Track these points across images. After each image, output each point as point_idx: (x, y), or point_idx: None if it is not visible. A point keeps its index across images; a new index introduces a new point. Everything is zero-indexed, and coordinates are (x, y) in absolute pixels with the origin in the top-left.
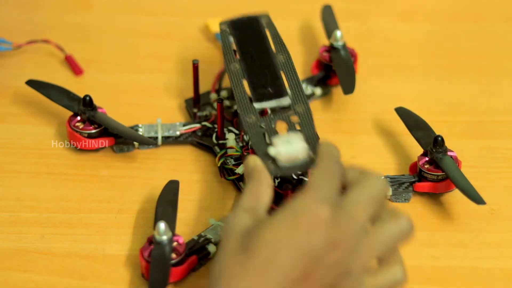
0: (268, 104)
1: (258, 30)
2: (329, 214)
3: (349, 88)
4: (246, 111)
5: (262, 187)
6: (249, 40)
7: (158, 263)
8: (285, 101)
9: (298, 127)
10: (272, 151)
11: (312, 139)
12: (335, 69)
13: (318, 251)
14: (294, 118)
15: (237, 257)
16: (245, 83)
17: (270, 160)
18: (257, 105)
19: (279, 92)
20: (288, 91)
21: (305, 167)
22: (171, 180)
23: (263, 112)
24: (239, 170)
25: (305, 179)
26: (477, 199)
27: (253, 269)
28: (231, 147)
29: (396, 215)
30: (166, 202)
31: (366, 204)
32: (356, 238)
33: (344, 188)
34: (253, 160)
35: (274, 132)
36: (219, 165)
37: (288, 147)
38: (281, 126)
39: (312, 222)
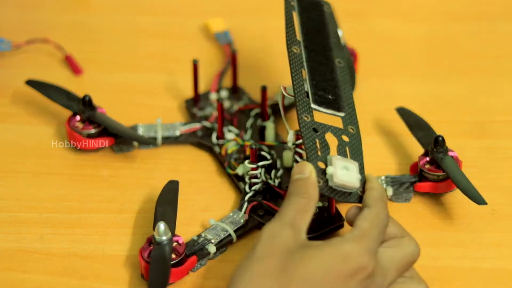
0: (325, 111)
1: (322, 19)
2: (373, 268)
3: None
4: (303, 108)
5: (310, 205)
6: (313, 27)
7: (158, 263)
8: (341, 115)
9: (347, 149)
10: (330, 170)
11: (361, 170)
12: None
13: None
14: (345, 138)
15: (275, 278)
16: (304, 74)
17: (322, 176)
18: (315, 107)
19: (339, 104)
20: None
21: (352, 198)
22: (170, 180)
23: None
24: (239, 170)
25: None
26: (478, 200)
27: None
28: (234, 139)
29: (417, 281)
30: (166, 202)
31: (400, 265)
32: None
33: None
34: (310, 171)
35: (325, 145)
36: (230, 152)
37: (346, 173)
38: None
39: (357, 272)
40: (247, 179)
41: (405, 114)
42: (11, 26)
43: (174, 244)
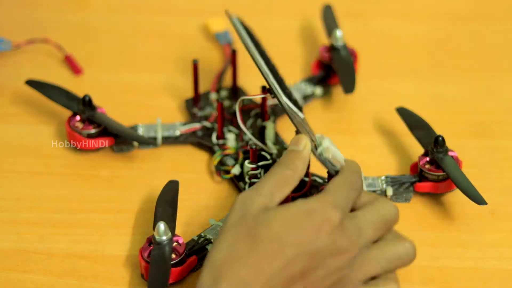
0: (294, 109)
1: (248, 29)
2: (340, 220)
3: (349, 87)
4: (282, 94)
5: (293, 177)
6: (256, 41)
7: (158, 263)
8: (302, 116)
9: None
10: (326, 142)
11: None
12: (335, 69)
13: (321, 253)
14: None
15: (244, 241)
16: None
17: (316, 148)
18: (286, 101)
19: (299, 106)
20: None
21: (336, 172)
22: (170, 180)
23: None
24: (235, 170)
25: (305, 179)
26: (478, 200)
27: (257, 257)
28: (226, 148)
29: (401, 238)
30: (166, 202)
31: (376, 224)
32: (360, 251)
33: (354, 209)
34: (304, 144)
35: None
36: (215, 163)
37: (336, 150)
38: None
39: (322, 224)
40: (247, 179)
41: (405, 114)
42: (11, 26)
43: (174, 244)
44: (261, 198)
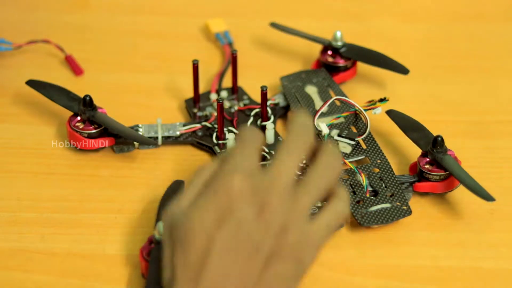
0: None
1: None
2: (242, 182)
3: (403, 68)
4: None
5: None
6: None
7: (157, 262)
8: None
9: None
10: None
11: None
12: (370, 63)
13: (248, 223)
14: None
15: (172, 252)
16: None
17: None
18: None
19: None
20: None
21: None
22: (176, 180)
23: None
24: None
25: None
26: (486, 196)
27: (191, 266)
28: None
29: (323, 154)
30: (170, 202)
31: (291, 162)
32: (280, 195)
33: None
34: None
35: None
36: None
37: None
38: None
39: (229, 197)
40: None
41: (396, 117)
42: (11, 26)
43: None
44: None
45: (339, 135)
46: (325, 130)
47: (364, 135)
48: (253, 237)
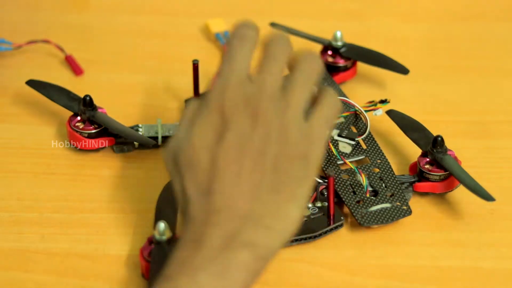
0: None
1: None
2: (232, 94)
3: (403, 68)
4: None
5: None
6: None
7: (158, 262)
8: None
9: None
10: None
11: None
12: (370, 63)
13: (246, 133)
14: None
15: (181, 178)
16: None
17: None
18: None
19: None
20: None
21: None
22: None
23: None
24: None
25: None
26: (486, 196)
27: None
28: None
29: (302, 57)
30: (167, 202)
31: (274, 68)
32: (270, 100)
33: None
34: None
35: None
36: None
37: None
38: None
39: (222, 112)
40: None
41: (396, 116)
42: (11, 26)
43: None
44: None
45: (339, 135)
46: None
47: (364, 135)
48: (254, 145)
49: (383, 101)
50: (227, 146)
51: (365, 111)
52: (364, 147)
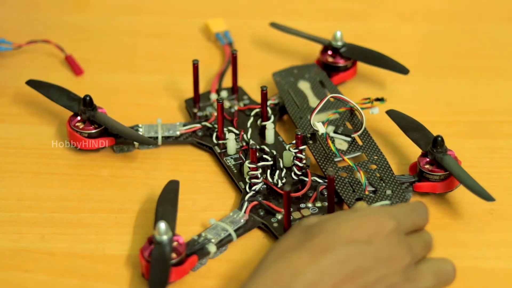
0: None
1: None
2: (394, 229)
3: (403, 68)
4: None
5: None
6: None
7: (158, 263)
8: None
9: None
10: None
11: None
12: (370, 63)
13: (374, 255)
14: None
15: (296, 238)
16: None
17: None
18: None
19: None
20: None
21: None
22: (171, 180)
23: None
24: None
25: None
26: (486, 196)
27: (311, 247)
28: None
29: (443, 259)
30: (166, 202)
31: (425, 246)
32: (410, 262)
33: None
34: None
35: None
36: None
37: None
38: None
39: (377, 228)
40: (247, 179)
41: (396, 117)
42: (12, 26)
43: (175, 243)
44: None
45: (335, 132)
46: (321, 129)
47: (360, 132)
48: (371, 271)
49: (379, 99)
50: (358, 258)
51: (361, 108)
52: (360, 143)
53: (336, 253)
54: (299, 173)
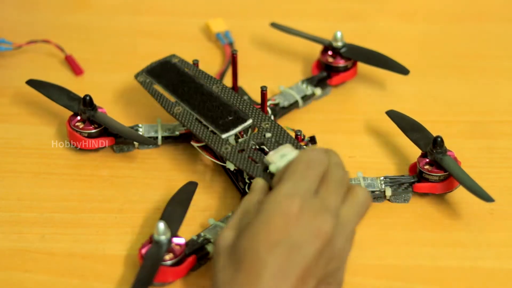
0: (235, 131)
1: (178, 71)
2: (299, 207)
3: (403, 68)
4: (218, 145)
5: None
6: (176, 82)
7: (149, 261)
8: (247, 123)
9: (274, 141)
10: (272, 168)
11: (296, 144)
12: (371, 63)
13: (301, 242)
14: (267, 134)
15: (227, 271)
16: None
17: (270, 176)
18: (225, 135)
19: (240, 116)
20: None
21: None
22: (190, 182)
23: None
24: (229, 165)
25: None
26: (485, 197)
27: (244, 279)
28: None
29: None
30: (177, 203)
31: (336, 190)
32: (332, 222)
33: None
34: (256, 182)
35: (257, 153)
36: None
37: (285, 159)
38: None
39: (285, 219)
40: (247, 179)
41: (396, 117)
42: (12, 26)
43: (174, 244)
44: (231, 230)
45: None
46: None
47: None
48: (312, 256)
49: (311, 140)
50: (280, 253)
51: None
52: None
53: (269, 267)
54: None
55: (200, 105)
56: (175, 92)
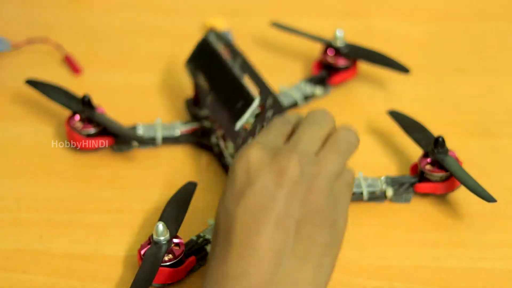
0: (244, 118)
1: (211, 51)
2: (259, 153)
3: (404, 67)
4: (233, 136)
5: None
6: (210, 66)
7: (148, 262)
8: (255, 104)
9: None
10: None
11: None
12: (371, 62)
13: (266, 187)
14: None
15: (212, 245)
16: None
17: None
18: (238, 125)
19: (248, 100)
20: (255, 91)
21: None
22: (189, 181)
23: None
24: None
25: None
26: (487, 197)
27: (221, 243)
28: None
29: (340, 130)
30: (176, 203)
31: (312, 131)
32: (301, 158)
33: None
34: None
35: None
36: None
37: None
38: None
39: (244, 169)
40: None
41: (398, 117)
42: (10, 25)
43: (173, 245)
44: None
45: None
46: None
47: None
48: (277, 205)
49: None
50: (246, 203)
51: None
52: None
53: (239, 221)
54: None
55: (222, 92)
56: (210, 80)
